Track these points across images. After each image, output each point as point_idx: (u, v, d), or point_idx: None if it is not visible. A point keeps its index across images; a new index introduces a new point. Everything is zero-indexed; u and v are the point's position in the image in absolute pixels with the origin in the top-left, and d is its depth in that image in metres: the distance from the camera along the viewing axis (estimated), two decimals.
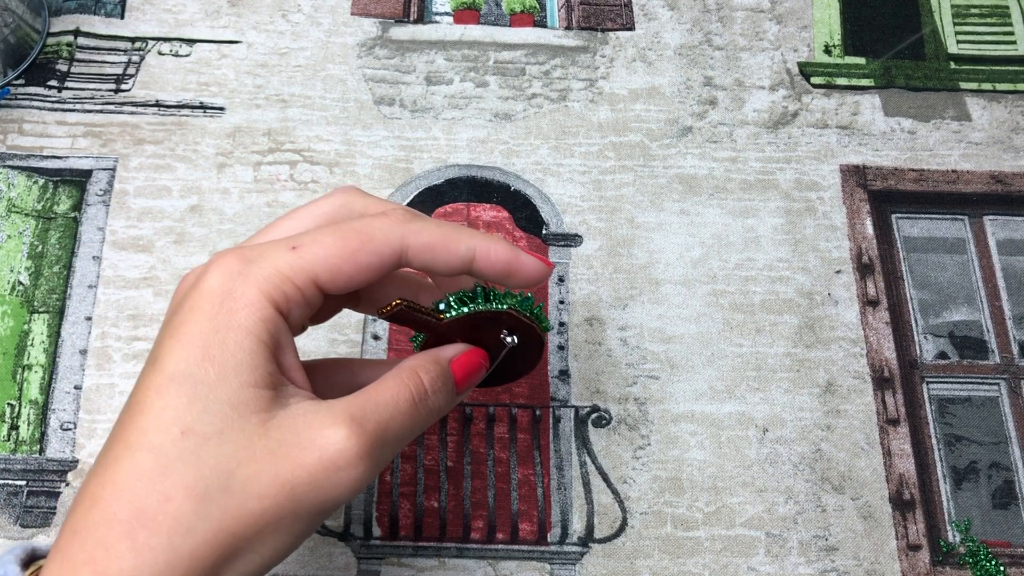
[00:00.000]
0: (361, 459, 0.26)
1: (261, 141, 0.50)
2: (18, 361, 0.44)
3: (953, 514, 0.43)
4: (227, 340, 0.26)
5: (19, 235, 0.47)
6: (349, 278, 0.28)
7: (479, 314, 0.31)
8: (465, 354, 0.32)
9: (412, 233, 0.29)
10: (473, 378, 0.32)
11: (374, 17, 0.54)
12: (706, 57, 0.53)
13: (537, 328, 0.33)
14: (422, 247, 0.29)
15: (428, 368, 0.30)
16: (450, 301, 0.31)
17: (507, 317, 0.32)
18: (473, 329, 0.32)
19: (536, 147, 0.50)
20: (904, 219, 0.50)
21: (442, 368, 0.31)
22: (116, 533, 0.24)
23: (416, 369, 0.30)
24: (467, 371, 0.32)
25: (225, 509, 0.25)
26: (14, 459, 0.42)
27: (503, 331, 0.32)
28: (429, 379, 0.30)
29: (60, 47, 0.51)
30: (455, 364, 0.31)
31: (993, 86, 0.53)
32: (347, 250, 0.28)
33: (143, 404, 0.26)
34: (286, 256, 0.28)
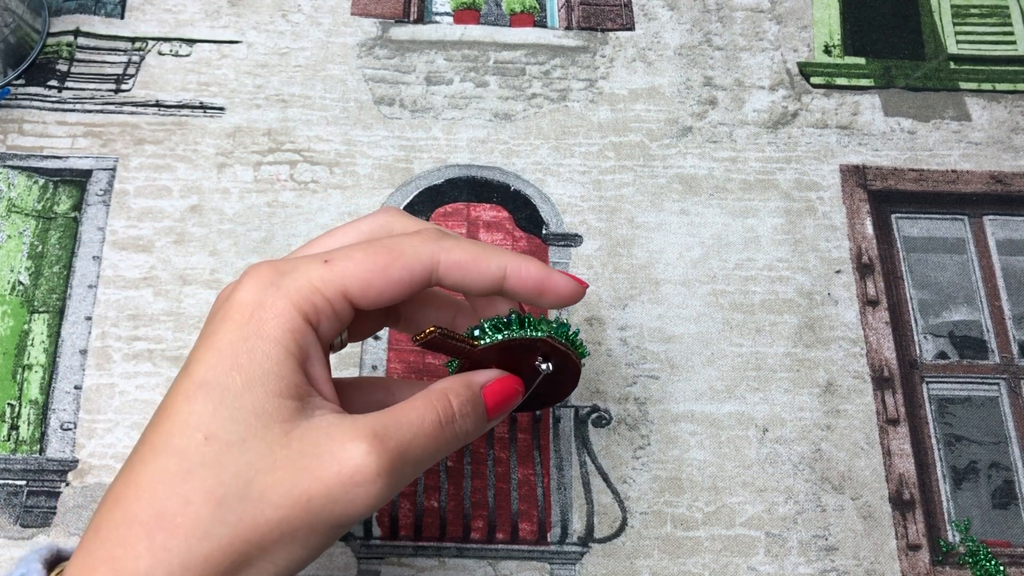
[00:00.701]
0: (380, 476, 0.27)
1: (261, 141, 0.50)
2: (18, 361, 0.44)
3: (953, 514, 0.43)
4: (255, 349, 0.27)
5: (19, 235, 0.47)
6: (379, 292, 0.29)
7: (514, 341, 0.31)
8: (498, 380, 0.32)
9: (443, 251, 0.30)
10: (506, 405, 0.32)
11: (374, 17, 0.54)
12: (706, 57, 0.53)
13: (573, 355, 0.32)
14: (453, 265, 0.30)
15: (459, 392, 0.30)
16: (485, 328, 0.31)
17: (542, 344, 0.31)
18: (508, 356, 0.32)
19: (536, 147, 0.50)
20: (904, 219, 0.50)
21: (473, 393, 0.31)
22: (135, 533, 0.25)
23: (446, 392, 0.30)
24: (500, 398, 0.32)
25: (242, 516, 0.25)
26: (14, 459, 0.42)
27: (538, 358, 0.32)
28: (458, 403, 0.30)
29: (60, 47, 0.51)
30: (487, 390, 0.31)
31: (993, 86, 0.53)
32: (377, 265, 0.29)
33: (171, 409, 0.27)
34: (318, 269, 0.28)
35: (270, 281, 0.28)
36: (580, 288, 0.32)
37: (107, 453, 0.42)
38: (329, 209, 0.48)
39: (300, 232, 0.47)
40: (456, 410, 0.30)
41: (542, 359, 0.32)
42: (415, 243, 0.29)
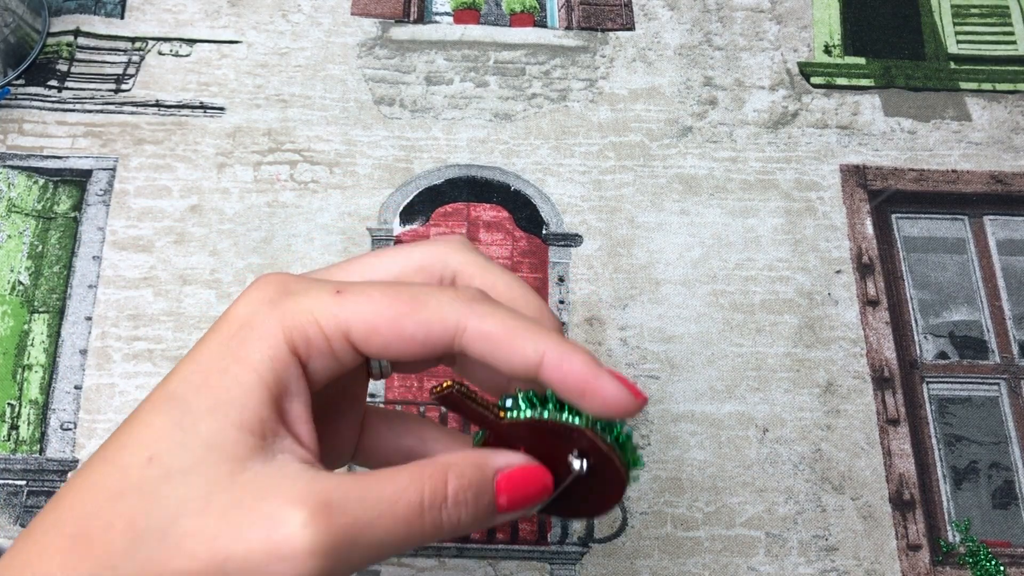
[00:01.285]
0: (312, 556, 0.22)
1: (261, 141, 0.50)
2: (18, 361, 0.44)
3: (953, 514, 0.43)
4: (228, 371, 0.24)
5: (19, 235, 0.47)
6: (385, 344, 0.25)
7: (546, 424, 0.26)
8: (521, 469, 0.26)
9: (474, 316, 0.25)
10: (523, 501, 0.26)
11: (374, 17, 0.54)
12: (706, 57, 0.53)
13: (617, 460, 0.26)
14: (480, 336, 0.25)
15: (463, 472, 0.25)
16: (518, 399, 0.26)
17: (579, 436, 0.26)
18: (542, 442, 0.26)
19: (536, 147, 0.50)
20: (904, 219, 0.50)
21: (482, 477, 0.25)
22: (56, 546, 0.23)
23: (447, 468, 0.25)
24: (517, 491, 0.26)
25: (152, 558, 0.22)
26: (14, 459, 0.42)
27: (573, 451, 0.26)
28: (457, 486, 0.25)
29: (60, 47, 0.51)
30: (504, 478, 0.26)
31: (993, 86, 0.53)
32: (391, 312, 0.25)
33: (135, 416, 0.25)
34: (325, 298, 0.25)
35: (269, 298, 0.25)
36: (634, 402, 0.25)
37: None
38: (329, 209, 0.48)
39: (300, 232, 0.47)
40: (451, 495, 0.24)
41: (577, 454, 0.26)
42: (444, 300, 0.25)
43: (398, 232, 0.48)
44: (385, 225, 0.48)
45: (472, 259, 0.27)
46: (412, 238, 0.48)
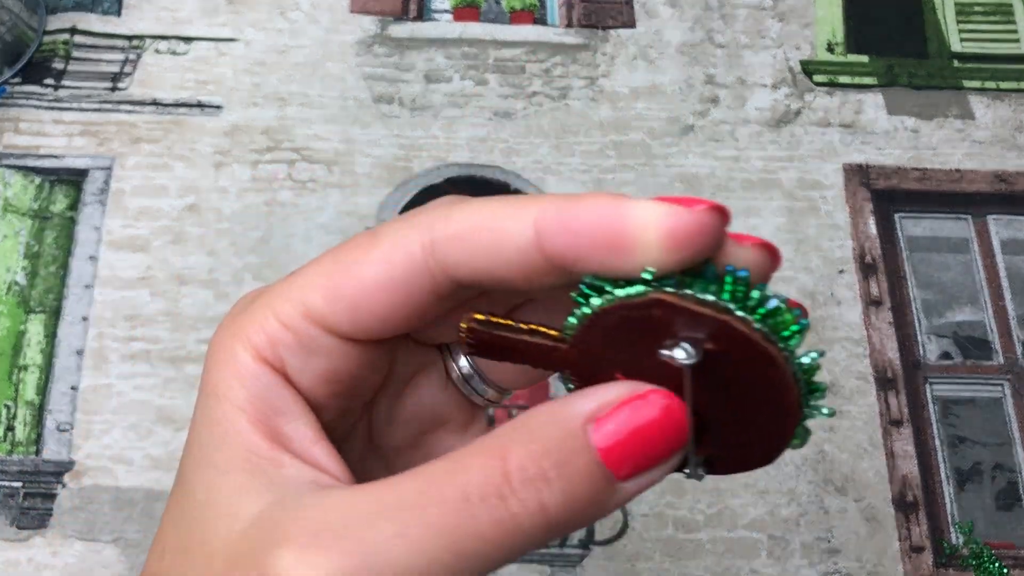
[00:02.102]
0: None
1: (259, 140, 0.49)
2: (14, 362, 0.44)
3: (956, 516, 0.43)
4: (206, 411, 0.20)
5: (15, 235, 0.46)
6: (352, 305, 0.19)
7: (617, 312, 0.17)
8: (627, 402, 0.17)
9: (439, 222, 0.18)
10: (650, 449, 0.17)
11: (373, 15, 0.53)
12: (708, 55, 0.53)
13: (754, 333, 0.16)
14: (450, 239, 0.18)
15: (532, 433, 0.17)
16: (577, 297, 0.18)
17: (662, 309, 0.16)
18: (640, 355, 0.17)
19: (536, 146, 0.50)
20: (907, 219, 0.49)
21: (564, 432, 0.17)
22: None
23: (502, 437, 0.17)
24: (632, 437, 0.17)
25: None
26: (10, 460, 0.42)
27: (666, 340, 0.16)
28: (523, 455, 0.16)
29: (57, 45, 0.51)
30: (602, 424, 0.17)
31: (997, 84, 0.53)
32: (342, 264, 0.19)
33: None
34: (281, 286, 0.20)
35: (232, 315, 0.20)
36: (708, 216, 0.17)
37: (104, 455, 0.42)
38: (328, 208, 0.48)
39: (298, 231, 0.47)
40: (515, 470, 0.16)
41: (672, 341, 0.16)
42: (400, 225, 0.19)
43: None
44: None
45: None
46: None
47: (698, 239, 0.17)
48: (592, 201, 0.17)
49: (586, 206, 0.17)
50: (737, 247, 0.17)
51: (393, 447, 0.22)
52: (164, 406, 0.43)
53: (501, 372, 0.22)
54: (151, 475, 0.42)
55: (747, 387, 0.16)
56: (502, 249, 0.18)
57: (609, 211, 0.17)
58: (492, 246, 0.18)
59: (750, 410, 0.17)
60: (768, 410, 0.17)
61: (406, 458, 0.22)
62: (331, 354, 0.19)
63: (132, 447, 0.42)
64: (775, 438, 0.17)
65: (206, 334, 0.44)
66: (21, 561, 0.40)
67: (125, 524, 0.41)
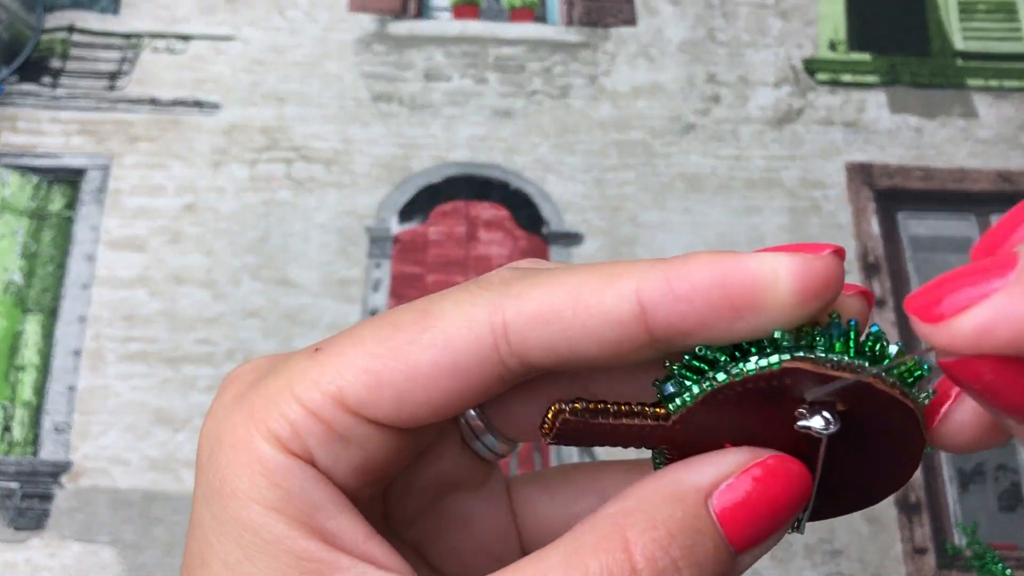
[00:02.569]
0: None
1: (257, 139, 0.49)
2: (11, 362, 0.44)
3: (960, 517, 0.43)
4: (221, 515, 0.17)
5: (12, 234, 0.46)
6: (401, 393, 0.17)
7: (732, 390, 0.16)
8: (748, 472, 0.16)
9: (512, 299, 0.16)
10: (773, 519, 0.16)
11: (372, 13, 0.53)
12: (709, 53, 0.53)
13: (885, 385, 0.16)
14: (530, 320, 0.16)
15: (654, 518, 0.15)
16: (677, 371, 0.17)
17: (798, 377, 0.16)
18: (748, 423, 0.17)
19: (537, 145, 0.50)
20: (910, 218, 0.49)
21: (687, 512, 0.16)
22: None
23: (623, 523, 0.15)
24: (756, 509, 0.16)
25: None
26: (7, 461, 0.42)
27: (800, 410, 0.16)
28: (649, 544, 0.15)
29: (54, 43, 0.51)
30: (725, 497, 0.16)
31: (1000, 83, 0.53)
32: (390, 346, 0.17)
33: None
34: (303, 363, 0.17)
35: (237, 394, 0.18)
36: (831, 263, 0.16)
37: (101, 455, 0.42)
38: (326, 208, 0.47)
39: (296, 231, 0.47)
40: (642, 562, 0.15)
41: (808, 409, 0.16)
42: (460, 299, 0.17)
43: (396, 231, 0.47)
44: (383, 224, 0.47)
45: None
46: (411, 237, 0.47)
47: (832, 288, 0.16)
48: (702, 260, 0.16)
49: (698, 267, 0.15)
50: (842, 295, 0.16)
51: (406, 517, 0.20)
52: (162, 407, 0.43)
53: (514, 425, 0.20)
54: (149, 476, 0.41)
55: (874, 438, 0.16)
56: (596, 328, 0.16)
57: (727, 269, 0.15)
58: (583, 325, 0.16)
59: (872, 459, 0.16)
60: (893, 457, 0.16)
61: (419, 526, 0.20)
62: (366, 444, 0.17)
63: (130, 448, 0.42)
64: (892, 482, 0.17)
65: (204, 334, 0.44)
66: (18, 562, 0.40)
67: (123, 525, 0.40)
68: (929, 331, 0.14)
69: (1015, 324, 0.13)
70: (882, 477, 0.17)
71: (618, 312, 0.16)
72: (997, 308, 0.14)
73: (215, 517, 0.17)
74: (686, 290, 0.16)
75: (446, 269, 0.47)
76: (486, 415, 0.20)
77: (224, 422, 0.17)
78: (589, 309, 0.16)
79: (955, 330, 0.14)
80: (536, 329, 0.16)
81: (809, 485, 0.16)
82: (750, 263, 0.16)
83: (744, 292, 0.15)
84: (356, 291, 0.46)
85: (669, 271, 0.16)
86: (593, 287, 0.16)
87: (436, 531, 0.19)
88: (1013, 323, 0.13)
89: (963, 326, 0.14)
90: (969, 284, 0.14)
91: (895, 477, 0.17)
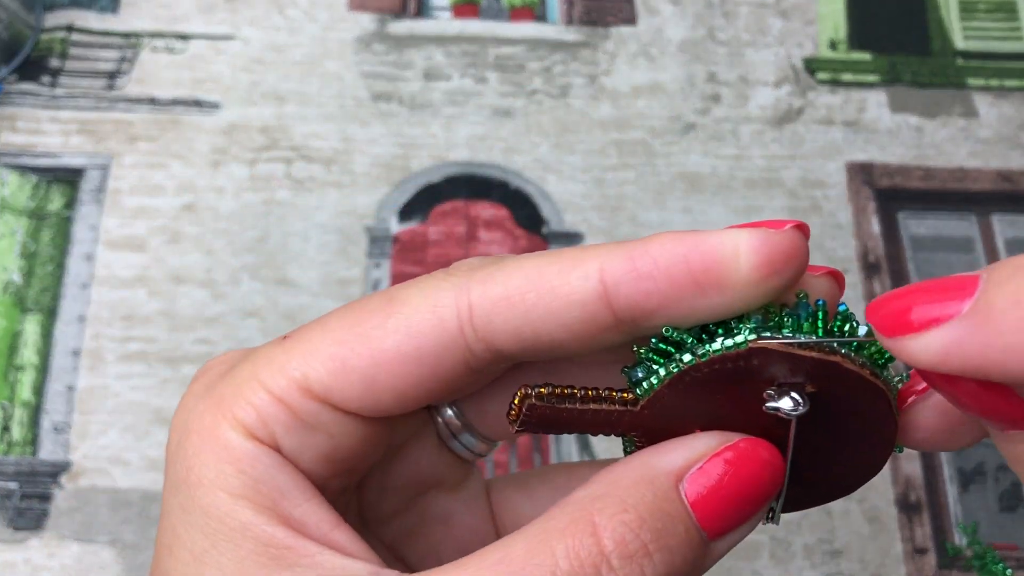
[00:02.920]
0: None
1: (257, 138, 0.49)
2: (10, 362, 0.44)
3: (960, 517, 0.43)
4: (189, 503, 0.16)
5: (11, 234, 0.46)
6: (366, 379, 0.17)
7: (700, 372, 0.16)
8: (719, 455, 0.16)
9: (477, 283, 0.16)
10: (746, 504, 0.16)
11: (372, 12, 0.53)
12: (710, 53, 0.53)
13: (854, 365, 0.15)
14: (495, 302, 0.16)
15: (623, 501, 0.15)
16: (643, 353, 0.17)
17: (764, 359, 0.15)
18: (717, 407, 0.16)
19: (536, 144, 0.50)
20: (911, 218, 0.49)
21: (657, 494, 0.15)
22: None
23: (590, 507, 0.15)
24: (728, 492, 0.15)
25: None
26: (6, 461, 0.42)
27: (769, 390, 0.16)
28: (618, 527, 0.15)
29: (54, 43, 0.51)
30: (697, 480, 0.15)
31: (1001, 82, 0.53)
32: (356, 332, 0.17)
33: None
34: (270, 351, 0.17)
35: (206, 384, 0.18)
36: (793, 238, 0.15)
37: (101, 455, 0.42)
38: (326, 207, 0.47)
39: (296, 231, 0.47)
40: (610, 546, 0.14)
41: (776, 391, 0.15)
42: (426, 285, 0.17)
43: (396, 231, 0.47)
44: (383, 223, 0.47)
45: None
46: (410, 236, 0.47)
47: (794, 263, 0.15)
48: (664, 239, 0.15)
49: (659, 245, 0.15)
50: (810, 276, 0.16)
51: (382, 515, 0.20)
52: (161, 407, 0.43)
53: (492, 424, 0.20)
54: (148, 476, 0.41)
55: (846, 421, 0.16)
56: (561, 310, 0.16)
57: (689, 246, 0.15)
58: (548, 307, 0.16)
59: (844, 443, 0.16)
60: (866, 439, 0.16)
61: (396, 525, 0.20)
62: (333, 431, 0.17)
63: (129, 448, 0.42)
64: (867, 467, 0.16)
65: (203, 334, 0.44)
66: (17, 563, 0.40)
67: (122, 525, 0.40)
68: (890, 345, 0.14)
69: (967, 353, 0.13)
70: (856, 462, 0.17)
71: (582, 292, 0.16)
72: (949, 337, 0.14)
73: (182, 506, 0.17)
74: (648, 267, 0.15)
75: None
76: (463, 414, 0.20)
77: (192, 411, 0.17)
78: (554, 290, 0.16)
79: (911, 349, 0.14)
80: (501, 312, 0.16)
81: (782, 469, 0.16)
82: (711, 239, 0.15)
83: (706, 267, 0.15)
84: (356, 291, 0.46)
85: (632, 250, 0.16)
86: (557, 269, 0.16)
87: (413, 530, 0.19)
88: (965, 352, 0.13)
89: (921, 348, 0.14)
90: (929, 302, 0.14)
91: (870, 462, 0.17)
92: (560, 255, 0.16)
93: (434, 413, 0.20)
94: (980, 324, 0.13)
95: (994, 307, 0.13)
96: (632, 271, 0.16)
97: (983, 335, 0.13)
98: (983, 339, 0.13)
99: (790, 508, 0.17)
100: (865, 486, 0.43)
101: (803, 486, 0.17)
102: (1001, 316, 0.13)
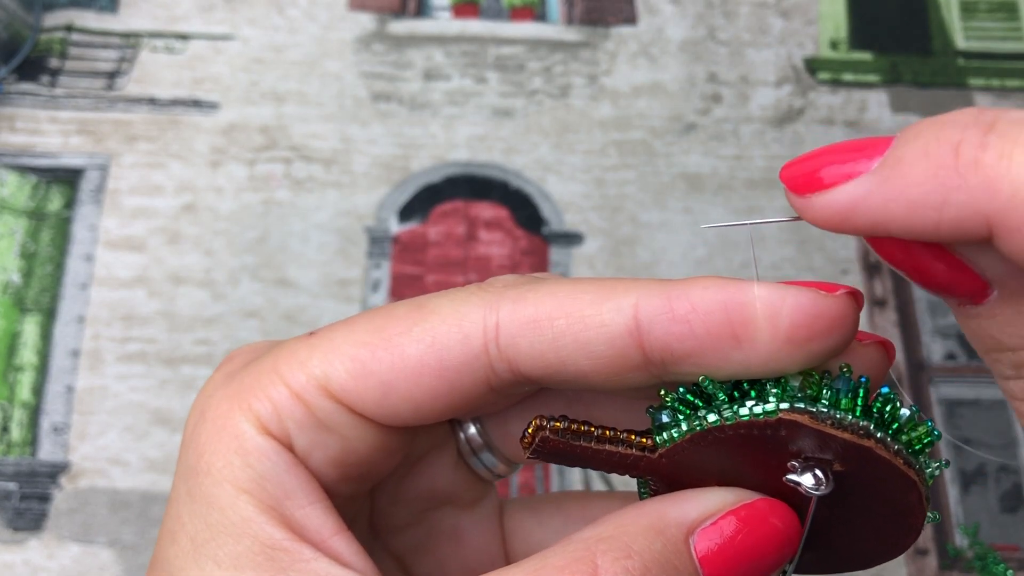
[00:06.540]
0: None
1: (256, 138, 0.49)
2: (9, 362, 0.43)
3: (961, 518, 0.42)
4: (195, 491, 0.16)
5: (11, 234, 0.46)
6: (384, 385, 0.16)
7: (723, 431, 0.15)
8: (732, 514, 0.15)
9: (507, 302, 0.16)
10: (756, 564, 0.15)
11: (371, 11, 0.53)
12: (710, 52, 0.53)
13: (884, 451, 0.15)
14: (521, 324, 0.16)
15: (629, 546, 0.15)
16: (668, 401, 0.16)
17: (792, 429, 0.15)
18: (739, 464, 0.16)
19: (537, 144, 0.50)
20: None
21: (666, 546, 0.15)
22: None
23: (594, 548, 0.15)
24: (736, 553, 0.15)
25: None
26: (6, 462, 0.41)
27: (792, 463, 0.15)
28: (616, 574, 0.14)
29: (53, 43, 0.51)
30: (707, 537, 0.15)
31: (1002, 82, 0.53)
32: (380, 336, 0.16)
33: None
34: (294, 347, 0.17)
35: (228, 372, 0.18)
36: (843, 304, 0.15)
37: (100, 456, 0.42)
38: (325, 207, 0.47)
39: (295, 231, 0.47)
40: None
41: (800, 464, 0.15)
42: (456, 299, 0.16)
43: (396, 231, 0.47)
44: (383, 224, 0.47)
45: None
46: (410, 237, 0.47)
47: (839, 332, 0.14)
48: (706, 283, 0.15)
49: (701, 289, 0.15)
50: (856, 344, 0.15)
51: (393, 526, 0.20)
52: (160, 407, 0.43)
53: (514, 445, 0.19)
54: (147, 477, 0.41)
55: (872, 503, 0.15)
56: (589, 340, 0.15)
57: (730, 294, 0.14)
58: (576, 336, 0.15)
59: (867, 523, 0.15)
60: (891, 524, 0.15)
61: (407, 536, 0.20)
62: (347, 434, 0.17)
63: (128, 448, 0.42)
64: (888, 549, 0.16)
65: (202, 335, 0.44)
66: (16, 563, 0.40)
67: (121, 526, 0.40)
68: (799, 204, 0.14)
69: (872, 207, 0.13)
70: (878, 542, 0.16)
71: (613, 325, 0.15)
72: (856, 192, 0.13)
73: (189, 493, 0.16)
74: (685, 310, 0.15)
75: (446, 269, 0.47)
76: (486, 432, 0.20)
77: (211, 398, 0.17)
78: (584, 319, 0.15)
79: (817, 206, 0.14)
80: (527, 335, 0.16)
81: (797, 536, 0.15)
82: (755, 291, 0.15)
83: (745, 320, 0.15)
84: (355, 291, 0.45)
85: (672, 290, 0.15)
86: (591, 298, 0.16)
87: (423, 544, 0.19)
88: (871, 206, 0.13)
89: (827, 204, 0.14)
90: (840, 161, 0.14)
91: (892, 544, 0.16)
92: (597, 283, 0.16)
93: (457, 429, 0.20)
94: (887, 179, 0.13)
95: (902, 161, 0.13)
96: (668, 311, 0.15)
97: (888, 189, 0.13)
98: (887, 193, 0.13)
99: (802, 572, 0.17)
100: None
101: (818, 552, 0.16)
102: (909, 169, 0.13)
